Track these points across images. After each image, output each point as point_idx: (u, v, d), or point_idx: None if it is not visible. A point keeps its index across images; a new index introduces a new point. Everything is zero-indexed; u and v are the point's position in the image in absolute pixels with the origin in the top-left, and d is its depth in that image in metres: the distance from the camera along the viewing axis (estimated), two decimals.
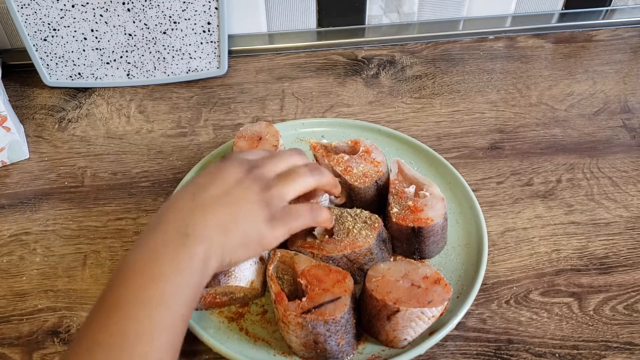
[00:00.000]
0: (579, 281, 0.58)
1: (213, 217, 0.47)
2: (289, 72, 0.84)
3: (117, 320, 0.41)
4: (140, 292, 0.42)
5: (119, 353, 0.39)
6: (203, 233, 0.46)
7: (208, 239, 0.46)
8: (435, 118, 0.76)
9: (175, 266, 0.44)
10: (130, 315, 0.41)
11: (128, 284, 0.43)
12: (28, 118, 0.78)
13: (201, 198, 0.48)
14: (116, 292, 0.43)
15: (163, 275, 0.43)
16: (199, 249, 0.45)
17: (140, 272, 0.43)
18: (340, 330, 0.48)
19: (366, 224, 0.56)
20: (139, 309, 0.42)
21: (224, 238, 0.47)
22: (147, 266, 0.43)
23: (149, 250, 0.45)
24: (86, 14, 0.76)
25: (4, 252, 0.62)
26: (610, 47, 0.88)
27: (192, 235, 0.45)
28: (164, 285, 0.43)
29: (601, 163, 0.70)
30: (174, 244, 0.45)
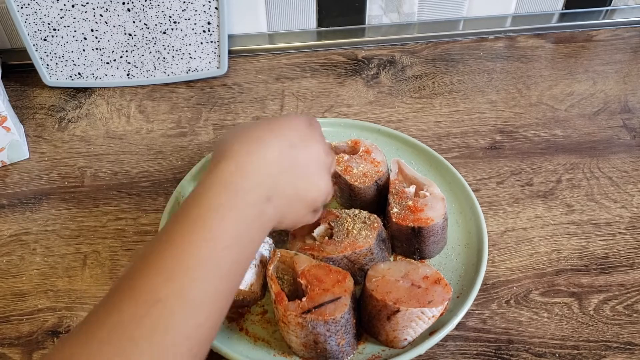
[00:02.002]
0: (579, 281, 0.58)
1: (291, 186, 0.45)
2: (289, 72, 0.84)
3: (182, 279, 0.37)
4: (215, 255, 0.39)
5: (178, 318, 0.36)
6: (279, 202, 0.44)
7: (279, 208, 0.44)
8: (435, 118, 0.76)
9: (251, 235, 0.42)
10: (196, 277, 0.37)
11: (202, 236, 0.39)
12: (28, 118, 0.78)
13: (290, 159, 0.45)
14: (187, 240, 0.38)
15: (239, 244, 0.40)
16: (274, 213, 0.44)
17: (220, 229, 0.39)
18: (340, 330, 0.48)
19: (365, 224, 0.55)
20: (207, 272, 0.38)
21: (286, 209, 0.46)
22: (229, 223, 0.40)
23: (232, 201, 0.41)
24: (86, 14, 0.76)
25: (4, 252, 0.62)
26: (611, 47, 0.88)
27: (272, 203, 0.43)
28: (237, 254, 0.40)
29: (601, 163, 0.70)
30: (258, 208, 0.42)
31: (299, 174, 0.46)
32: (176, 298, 0.36)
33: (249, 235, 0.41)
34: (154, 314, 0.35)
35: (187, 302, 0.36)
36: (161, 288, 0.36)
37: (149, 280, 0.37)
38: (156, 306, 0.35)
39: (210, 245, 0.39)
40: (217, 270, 0.38)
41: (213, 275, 0.38)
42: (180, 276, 0.37)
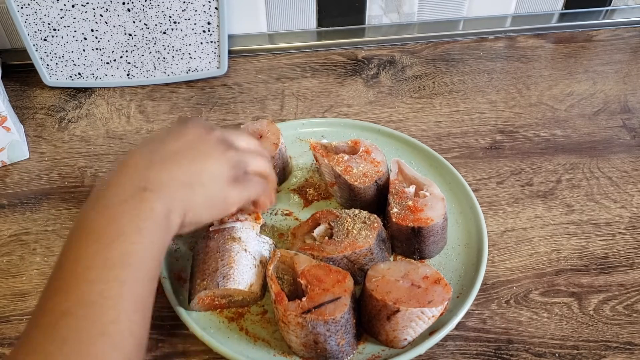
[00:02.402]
0: (579, 281, 0.58)
1: (174, 171, 0.45)
2: (289, 72, 0.84)
3: (79, 287, 0.38)
4: (101, 254, 0.40)
5: (85, 322, 0.37)
6: (163, 187, 0.44)
7: (169, 194, 0.44)
8: (435, 118, 0.76)
9: (135, 224, 0.41)
10: (93, 279, 0.39)
11: (88, 247, 0.40)
12: (28, 118, 0.78)
13: (161, 152, 0.46)
14: (75, 256, 0.40)
15: (123, 235, 0.41)
16: (159, 204, 0.43)
17: (98, 233, 0.41)
18: (340, 330, 0.48)
19: (365, 224, 0.56)
20: (101, 271, 0.39)
21: (186, 193, 0.45)
22: (106, 226, 0.41)
23: (105, 207, 0.42)
24: (86, 14, 0.76)
25: (4, 252, 0.62)
26: (610, 47, 0.88)
27: (151, 190, 0.43)
28: (126, 245, 0.40)
29: (601, 163, 0.70)
30: (132, 200, 0.42)
31: (180, 159, 0.46)
32: (78, 305, 0.38)
33: (133, 225, 0.41)
34: (61, 325, 0.37)
35: (90, 305, 0.38)
36: (63, 301, 0.38)
37: (52, 298, 0.39)
38: (62, 318, 0.37)
39: (94, 248, 0.40)
40: (110, 265, 0.39)
41: (107, 272, 0.39)
42: (77, 283, 0.39)
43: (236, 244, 0.54)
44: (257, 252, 0.55)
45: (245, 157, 0.51)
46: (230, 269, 0.52)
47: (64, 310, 0.37)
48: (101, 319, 0.38)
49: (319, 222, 0.57)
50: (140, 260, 0.41)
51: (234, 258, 0.53)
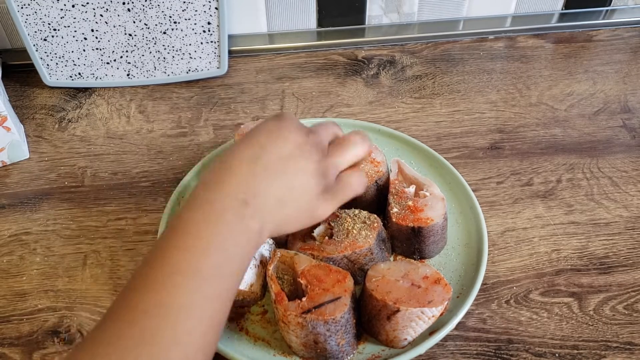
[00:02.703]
0: (579, 281, 0.58)
1: (272, 187, 0.45)
2: (289, 72, 0.84)
3: (165, 289, 0.38)
4: (192, 263, 0.39)
5: (163, 327, 0.37)
6: (261, 203, 0.44)
7: (265, 210, 0.44)
8: (435, 118, 0.76)
9: (233, 238, 0.41)
10: (178, 285, 0.38)
11: (180, 251, 0.40)
12: (28, 118, 0.78)
13: (262, 161, 0.45)
14: (166, 257, 0.40)
15: (217, 248, 0.41)
16: (255, 222, 0.43)
17: (194, 239, 0.40)
18: (340, 330, 0.48)
19: (365, 224, 0.56)
20: (188, 280, 0.39)
21: (279, 210, 0.45)
22: (202, 233, 0.41)
23: (205, 213, 0.42)
24: (86, 14, 0.76)
25: (4, 252, 0.62)
26: (610, 47, 0.88)
27: (252, 206, 0.43)
28: (216, 258, 0.40)
29: (601, 163, 0.70)
30: (232, 212, 0.42)
31: (278, 172, 0.46)
32: (159, 307, 0.37)
33: (230, 239, 0.42)
34: (141, 324, 0.37)
35: (171, 311, 0.38)
36: (145, 300, 0.38)
37: (135, 295, 0.38)
38: (142, 317, 0.37)
39: (187, 255, 0.40)
40: (198, 276, 0.39)
41: (195, 281, 0.39)
42: (161, 286, 0.38)
43: None
44: (257, 252, 0.55)
45: (339, 158, 0.51)
46: None
47: (145, 309, 0.37)
48: (178, 327, 0.37)
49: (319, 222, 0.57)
50: (227, 276, 0.41)
51: None
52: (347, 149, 0.52)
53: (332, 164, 0.50)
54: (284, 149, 0.47)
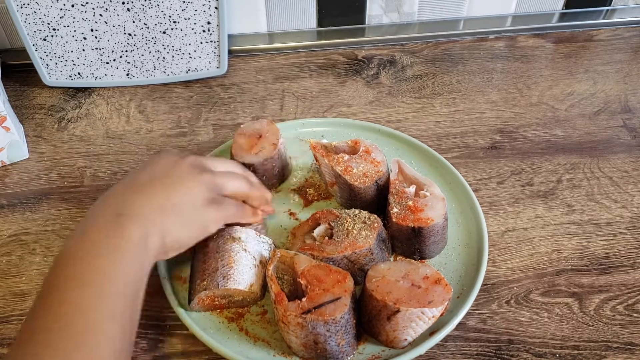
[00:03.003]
0: (580, 281, 0.58)
1: (148, 198, 0.47)
2: (289, 72, 0.84)
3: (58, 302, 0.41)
4: (81, 273, 0.42)
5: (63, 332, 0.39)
6: (137, 213, 0.46)
7: (143, 217, 0.46)
8: (435, 118, 0.76)
9: (113, 246, 0.44)
10: (71, 294, 0.41)
11: (67, 268, 0.43)
12: (28, 118, 0.78)
13: (136, 182, 0.48)
14: (56, 277, 0.42)
15: (99, 255, 0.43)
16: (134, 228, 0.45)
17: (78, 255, 0.43)
18: (340, 331, 0.48)
19: (365, 224, 0.55)
20: (79, 287, 0.41)
21: (161, 217, 0.47)
22: (85, 249, 0.43)
23: (85, 235, 0.44)
24: (86, 14, 0.76)
25: (4, 252, 0.62)
26: (611, 47, 0.87)
27: (125, 215, 0.45)
28: (102, 262, 0.43)
29: (602, 163, 0.70)
30: (108, 225, 0.45)
31: (155, 186, 0.48)
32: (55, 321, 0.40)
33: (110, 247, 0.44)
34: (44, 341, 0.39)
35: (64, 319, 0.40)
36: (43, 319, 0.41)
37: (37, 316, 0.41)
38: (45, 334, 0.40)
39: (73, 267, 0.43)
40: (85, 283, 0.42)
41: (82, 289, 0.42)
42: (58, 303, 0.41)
43: (236, 244, 0.54)
44: (257, 252, 0.55)
45: (221, 179, 0.52)
46: (230, 269, 0.52)
47: (43, 325, 0.40)
48: (77, 328, 0.40)
49: (319, 222, 0.57)
50: (116, 275, 0.43)
51: (234, 258, 0.53)
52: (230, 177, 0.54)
53: (215, 181, 0.52)
54: (157, 169, 0.50)
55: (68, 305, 0.41)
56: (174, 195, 0.48)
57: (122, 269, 0.43)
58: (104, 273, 0.42)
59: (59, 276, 0.43)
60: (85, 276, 0.42)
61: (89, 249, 0.43)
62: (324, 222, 0.57)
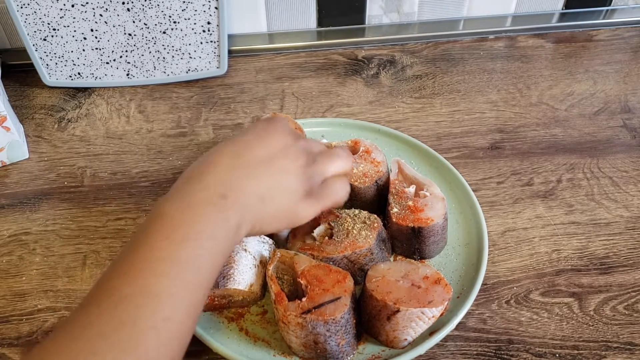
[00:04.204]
0: (580, 281, 0.58)
1: (253, 183, 0.46)
2: (289, 72, 0.84)
3: (145, 276, 0.39)
4: (173, 251, 0.40)
5: (143, 311, 0.38)
6: (241, 199, 0.44)
7: (244, 205, 0.44)
8: (435, 118, 0.76)
9: (210, 230, 0.42)
10: (159, 273, 0.39)
11: (160, 239, 0.41)
12: (28, 118, 0.78)
13: (245, 158, 0.46)
14: (147, 245, 0.41)
15: (196, 238, 0.41)
16: (234, 215, 0.44)
17: (173, 229, 0.41)
18: (340, 331, 0.48)
19: (365, 224, 0.55)
20: (169, 268, 0.40)
21: (259, 207, 0.46)
22: (181, 223, 0.42)
23: (184, 204, 0.43)
24: (86, 14, 0.76)
25: (4, 252, 0.62)
26: (611, 47, 0.87)
27: (230, 199, 0.44)
28: (196, 248, 0.41)
29: (601, 163, 0.70)
30: (211, 205, 0.43)
31: (261, 170, 0.46)
32: (137, 293, 0.38)
33: (208, 230, 0.42)
34: (121, 309, 0.37)
35: (151, 297, 0.38)
36: (126, 286, 0.38)
37: (116, 281, 0.39)
38: (122, 302, 0.38)
39: (166, 243, 0.40)
40: (177, 264, 0.40)
41: (173, 269, 0.40)
42: (140, 273, 0.39)
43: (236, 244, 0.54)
44: (257, 252, 0.55)
45: (324, 166, 0.51)
46: (230, 269, 0.52)
47: (127, 294, 0.38)
48: (157, 313, 0.38)
49: (319, 222, 0.57)
50: (205, 266, 0.42)
51: (234, 258, 0.53)
52: (333, 159, 0.52)
53: (317, 170, 0.50)
54: (269, 148, 0.48)
55: (156, 284, 0.39)
56: (276, 186, 0.47)
57: (212, 257, 0.42)
58: (197, 261, 0.41)
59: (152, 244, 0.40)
60: (178, 258, 0.40)
61: (187, 226, 0.41)
62: (324, 222, 0.57)
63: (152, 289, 0.38)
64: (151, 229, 0.41)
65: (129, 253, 0.41)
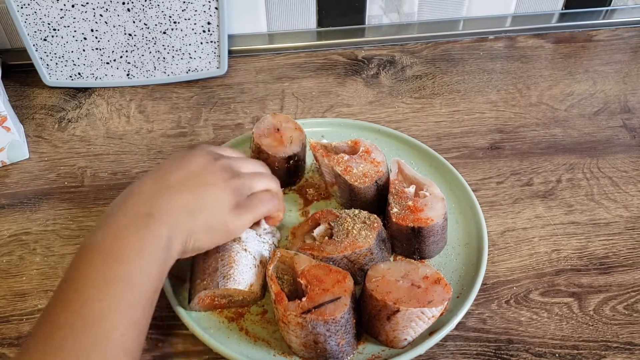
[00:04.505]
0: (579, 281, 0.58)
1: (177, 200, 0.47)
2: (289, 72, 0.84)
3: (80, 301, 0.41)
4: (104, 273, 0.42)
5: (81, 334, 0.39)
6: (167, 215, 0.46)
7: (172, 221, 0.46)
8: (435, 118, 0.76)
9: (138, 248, 0.43)
10: (93, 296, 0.41)
11: (91, 265, 0.42)
12: (28, 118, 0.78)
13: (166, 181, 0.48)
14: (79, 274, 0.42)
15: (125, 256, 0.43)
16: (162, 231, 0.45)
17: (103, 253, 0.43)
18: (340, 331, 0.48)
19: (365, 224, 0.55)
20: (102, 289, 0.41)
21: (188, 221, 0.47)
22: (110, 247, 0.43)
23: (111, 231, 0.44)
24: (86, 14, 0.76)
25: (4, 252, 0.62)
26: (610, 47, 0.88)
27: (156, 217, 0.45)
28: (128, 267, 0.42)
29: (601, 163, 0.70)
30: (137, 225, 0.44)
31: (183, 187, 0.48)
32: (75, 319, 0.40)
33: (136, 248, 0.44)
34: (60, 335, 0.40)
35: (86, 319, 0.40)
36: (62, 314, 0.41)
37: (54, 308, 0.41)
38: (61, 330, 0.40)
39: (98, 264, 0.43)
40: (111, 284, 0.42)
41: (107, 289, 0.42)
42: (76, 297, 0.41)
43: (236, 244, 0.54)
44: (257, 252, 0.55)
45: (250, 181, 0.52)
46: (231, 268, 0.52)
47: (62, 322, 0.40)
48: (95, 332, 0.39)
49: (319, 222, 0.57)
50: (139, 281, 0.43)
51: (234, 258, 0.53)
52: (259, 177, 0.54)
53: (245, 184, 0.52)
54: (190, 168, 0.49)
55: (93, 306, 0.40)
56: (203, 200, 0.48)
57: (145, 274, 0.43)
58: (130, 278, 0.42)
59: (82, 272, 0.42)
60: (109, 278, 0.42)
61: (116, 248, 0.43)
62: (323, 222, 0.57)
63: (86, 312, 0.40)
64: (81, 258, 0.43)
65: (64, 283, 0.42)
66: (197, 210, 0.48)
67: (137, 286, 0.43)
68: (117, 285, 0.42)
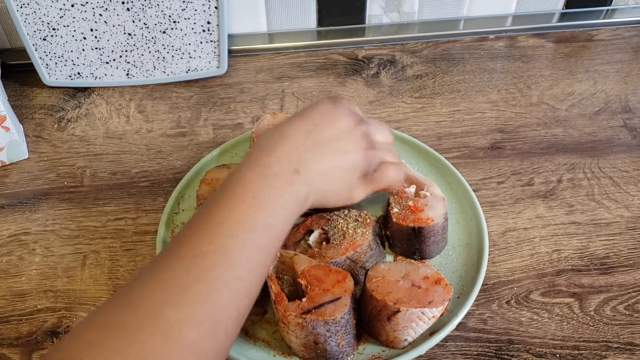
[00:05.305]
0: (580, 281, 0.58)
1: (322, 162, 0.49)
2: (289, 72, 0.84)
3: (223, 237, 0.42)
4: (249, 216, 0.44)
5: (217, 269, 0.41)
6: (310, 175, 0.48)
7: (312, 182, 0.48)
8: (435, 118, 0.76)
9: (282, 201, 0.46)
10: (236, 235, 0.43)
11: (238, 203, 0.44)
12: (27, 118, 0.78)
13: (314, 137, 0.50)
14: (226, 207, 0.44)
15: (269, 206, 0.45)
16: (303, 188, 0.48)
17: (250, 194, 0.45)
18: (341, 331, 0.48)
19: (358, 222, 0.56)
20: (244, 232, 0.43)
21: (323, 184, 0.49)
22: (257, 191, 0.45)
23: (261, 174, 0.46)
24: (85, 14, 0.76)
25: (3, 252, 0.62)
26: (611, 47, 0.87)
27: (302, 175, 0.48)
28: (268, 216, 0.45)
29: (602, 163, 0.70)
30: (284, 178, 0.47)
31: (327, 149, 0.50)
32: (217, 253, 0.42)
33: (280, 200, 0.46)
34: (200, 264, 0.41)
35: (227, 257, 0.42)
36: (205, 244, 0.42)
37: (196, 238, 0.43)
38: (201, 258, 0.41)
39: (245, 207, 0.44)
40: (251, 227, 0.44)
41: (249, 234, 0.43)
42: (217, 232, 0.43)
43: None
44: None
45: (382, 153, 0.54)
46: None
47: (204, 252, 0.41)
48: (231, 271, 0.41)
49: (311, 228, 0.57)
50: (275, 233, 0.46)
51: None
52: (390, 149, 0.55)
53: (376, 155, 0.53)
54: (335, 129, 0.51)
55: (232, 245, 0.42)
56: (342, 167, 0.50)
57: (280, 226, 0.46)
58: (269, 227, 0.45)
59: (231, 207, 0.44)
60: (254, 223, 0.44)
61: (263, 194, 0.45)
62: (316, 228, 0.57)
63: (227, 249, 0.42)
64: (231, 192, 0.45)
65: (208, 213, 0.44)
66: (332, 175, 0.50)
67: (272, 237, 0.45)
68: (258, 232, 0.44)
